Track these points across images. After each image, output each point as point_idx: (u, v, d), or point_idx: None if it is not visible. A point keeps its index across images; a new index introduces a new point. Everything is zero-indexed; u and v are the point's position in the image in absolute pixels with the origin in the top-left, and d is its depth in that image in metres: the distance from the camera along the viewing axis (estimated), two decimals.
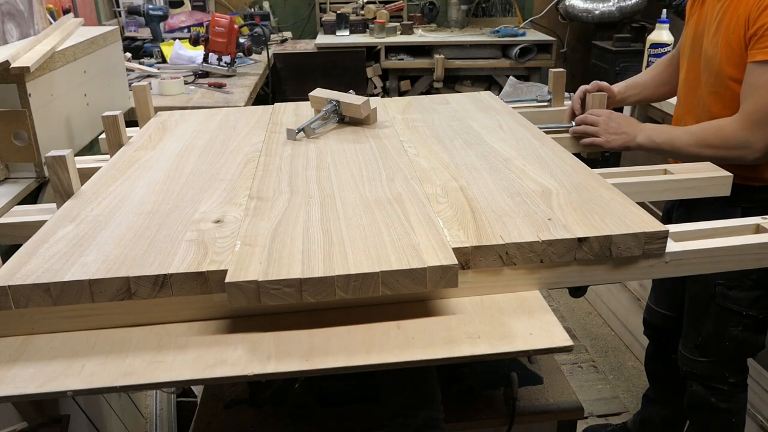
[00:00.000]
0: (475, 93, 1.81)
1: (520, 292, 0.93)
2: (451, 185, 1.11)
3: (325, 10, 4.53)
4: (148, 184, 1.17)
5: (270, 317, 0.87)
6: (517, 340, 0.82)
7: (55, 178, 1.14)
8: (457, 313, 0.88)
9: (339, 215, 0.99)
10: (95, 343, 0.84)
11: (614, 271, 0.95)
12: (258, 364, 0.79)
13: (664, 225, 0.94)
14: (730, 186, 1.29)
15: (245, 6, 4.55)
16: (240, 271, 0.82)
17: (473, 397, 1.31)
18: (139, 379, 0.78)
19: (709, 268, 1.00)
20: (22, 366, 0.80)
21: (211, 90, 2.75)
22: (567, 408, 1.32)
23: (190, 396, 2.08)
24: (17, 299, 0.83)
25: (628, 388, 2.40)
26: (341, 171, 1.20)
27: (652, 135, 1.44)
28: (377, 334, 0.83)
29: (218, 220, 1.00)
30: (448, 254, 0.84)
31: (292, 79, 3.91)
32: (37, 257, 0.90)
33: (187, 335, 0.85)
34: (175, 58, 3.15)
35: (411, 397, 1.10)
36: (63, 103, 1.65)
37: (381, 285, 0.82)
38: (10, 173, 1.52)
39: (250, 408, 1.32)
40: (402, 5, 4.49)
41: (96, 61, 1.90)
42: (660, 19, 2.59)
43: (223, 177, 1.20)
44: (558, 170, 1.17)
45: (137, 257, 0.88)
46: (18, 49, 1.52)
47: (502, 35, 4.01)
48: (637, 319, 2.57)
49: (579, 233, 0.91)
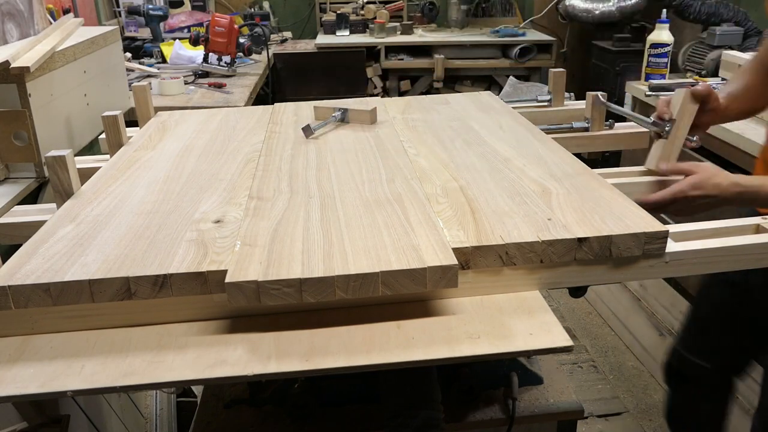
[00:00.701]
0: (475, 93, 1.81)
1: (520, 292, 0.93)
2: (451, 185, 1.11)
3: (325, 10, 4.53)
4: (148, 184, 1.17)
5: (270, 317, 0.87)
6: (517, 340, 0.82)
7: (55, 178, 1.14)
8: (457, 313, 0.88)
9: (339, 215, 0.99)
10: (95, 343, 0.84)
11: (614, 271, 0.95)
12: (258, 364, 0.79)
13: (664, 225, 0.94)
14: None
15: (245, 6, 4.55)
16: (240, 271, 0.82)
17: (473, 397, 1.31)
18: (139, 379, 0.78)
19: (710, 268, 1.00)
20: (22, 366, 0.80)
21: (211, 90, 2.75)
22: (567, 408, 1.32)
23: (190, 396, 2.08)
24: (17, 299, 0.83)
25: (628, 388, 2.40)
26: (341, 171, 1.20)
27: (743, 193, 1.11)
28: (377, 334, 0.83)
29: (218, 220, 1.00)
30: (448, 254, 0.84)
31: (292, 79, 3.91)
32: (37, 257, 0.90)
33: (187, 335, 0.85)
34: (175, 58, 3.15)
35: (411, 397, 1.10)
36: (63, 103, 1.65)
37: (381, 285, 0.82)
38: (10, 173, 1.52)
39: (250, 408, 1.32)
40: (402, 5, 4.49)
41: (96, 61, 1.90)
42: (660, 19, 2.59)
43: (223, 177, 1.20)
44: (558, 170, 1.17)
45: (137, 257, 0.88)
46: (18, 49, 1.52)
47: (502, 35, 4.01)
48: (637, 319, 2.57)
49: (579, 233, 0.91)
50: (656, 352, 2.43)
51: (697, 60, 2.77)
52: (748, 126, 2.03)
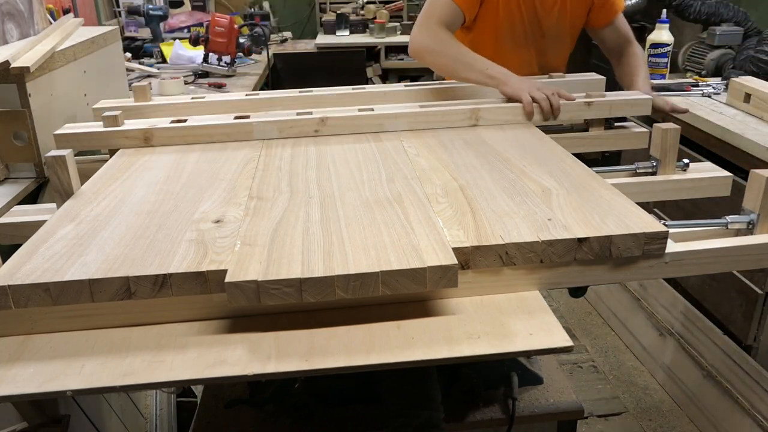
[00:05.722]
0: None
1: (520, 292, 0.93)
2: (451, 185, 1.11)
3: (325, 10, 4.53)
4: (148, 184, 1.17)
5: (270, 317, 0.87)
6: (517, 340, 0.82)
7: (55, 178, 1.14)
8: (457, 313, 0.88)
9: (339, 215, 0.99)
10: (95, 343, 0.84)
11: (614, 272, 0.95)
12: (258, 364, 0.79)
13: (664, 225, 0.94)
14: (730, 186, 1.28)
15: (245, 6, 4.55)
16: (240, 271, 0.82)
17: (473, 397, 1.31)
18: (139, 379, 0.78)
19: (710, 268, 1.00)
20: (21, 366, 0.80)
21: (211, 90, 2.75)
22: (567, 408, 1.32)
23: (190, 396, 2.08)
24: (17, 299, 0.83)
25: (628, 388, 2.40)
26: (341, 171, 1.20)
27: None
28: (377, 334, 0.83)
29: (218, 220, 1.00)
30: (448, 254, 0.84)
31: (292, 79, 3.91)
32: (37, 257, 0.90)
33: (187, 335, 0.85)
34: (175, 58, 3.15)
35: (411, 398, 1.10)
36: (63, 103, 1.65)
37: (381, 285, 0.82)
38: (10, 173, 1.52)
39: (250, 408, 1.32)
40: (402, 5, 4.49)
41: (96, 61, 1.90)
42: (660, 19, 2.59)
43: (223, 177, 1.20)
44: (558, 170, 1.17)
45: (137, 257, 0.88)
46: (18, 49, 1.52)
47: None
48: (637, 319, 2.57)
49: (579, 233, 0.91)
50: (656, 352, 2.43)
51: (697, 60, 2.77)
52: (748, 126, 2.03)
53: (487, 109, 1.44)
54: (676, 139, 1.27)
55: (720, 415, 2.06)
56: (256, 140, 1.40)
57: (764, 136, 1.93)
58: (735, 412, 1.99)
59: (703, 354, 2.17)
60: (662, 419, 2.24)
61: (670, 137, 1.27)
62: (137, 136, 1.38)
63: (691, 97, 2.39)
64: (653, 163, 1.30)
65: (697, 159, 1.99)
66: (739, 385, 1.98)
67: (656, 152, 1.29)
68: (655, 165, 1.30)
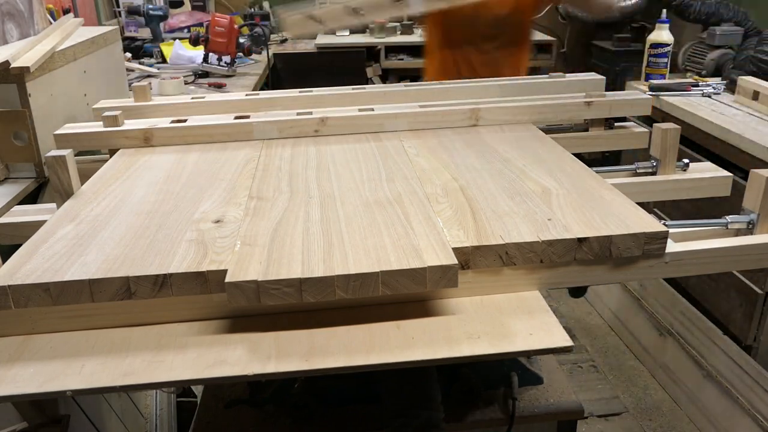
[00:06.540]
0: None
1: (520, 292, 0.93)
2: (451, 185, 1.11)
3: None
4: (147, 184, 1.17)
5: (270, 317, 0.87)
6: (517, 340, 0.82)
7: (55, 178, 1.14)
8: (457, 313, 0.88)
9: (339, 215, 0.99)
10: (95, 343, 0.84)
11: (614, 271, 0.95)
12: (258, 364, 0.79)
13: (663, 225, 0.94)
14: (730, 186, 1.28)
15: (245, 6, 4.55)
16: (240, 271, 0.82)
17: (473, 397, 1.31)
18: (139, 379, 0.78)
19: (709, 268, 1.00)
20: (21, 366, 0.80)
21: (211, 90, 2.75)
22: (567, 408, 1.32)
23: (190, 396, 2.08)
24: (17, 299, 0.83)
25: (628, 388, 2.40)
26: (341, 171, 1.20)
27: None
28: (377, 334, 0.83)
29: (218, 220, 1.00)
30: (448, 254, 0.84)
31: (292, 79, 3.91)
32: (37, 257, 0.90)
33: (187, 335, 0.85)
34: (175, 58, 3.15)
35: (411, 398, 1.10)
36: (63, 103, 1.65)
37: (381, 285, 0.82)
38: (10, 173, 1.52)
39: (250, 408, 1.32)
40: None
41: (96, 61, 1.90)
42: (660, 19, 2.59)
43: (223, 177, 1.20)
44: (558, 170, 1.17)
45: (137, 257, 0.88)
46: (18, 49, 1.52)
47: None
48: (637, 319, 2.57)
49: (579, 233, 0.91)
50: (656, 352, 2.43)
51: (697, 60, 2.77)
52: (748, 126, 2.03)
53: (487, 109, 1.44)
54: (676, 139, 1.27)
55: (720, 415, 2.06)
56: (256, 140, 1.40)
57: (764, 135, 1.93)
58: (735, 412, 1.99)
59: (703, 354, 2.17)
60: (662, 419, 2.24)
61: (670, 137, 1.27)
62: (137, 136, 1.38)
63: (691, 97, 2.40)
64: (653, 163, 1.31)
65: (697, 159, 2.00)
66: (739, 385, 1.98)
67: (656, 152, 1.29)
68: (655, 165, 1.30)
